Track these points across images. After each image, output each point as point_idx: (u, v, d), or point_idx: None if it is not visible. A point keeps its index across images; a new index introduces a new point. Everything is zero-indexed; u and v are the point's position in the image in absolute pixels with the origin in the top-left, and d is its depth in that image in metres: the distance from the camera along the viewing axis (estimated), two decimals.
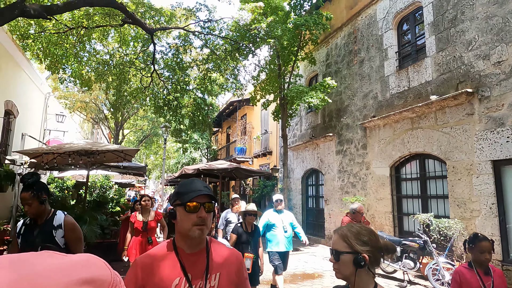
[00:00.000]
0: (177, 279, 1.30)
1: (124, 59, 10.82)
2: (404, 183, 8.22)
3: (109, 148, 7.37)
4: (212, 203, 1.37)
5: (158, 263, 1.33)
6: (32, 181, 2.45)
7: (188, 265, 1.33)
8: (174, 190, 1.45)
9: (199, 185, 1.38)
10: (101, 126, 25.48)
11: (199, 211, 1.32)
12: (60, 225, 2.45)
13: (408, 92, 7.96)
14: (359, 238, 1.37)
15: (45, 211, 2.49)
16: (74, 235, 2.48)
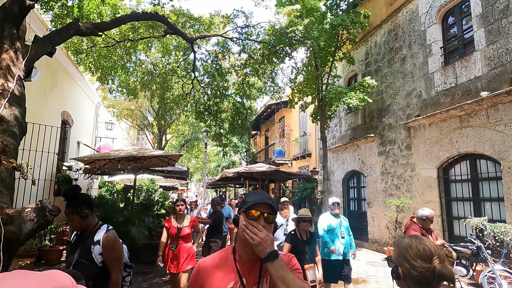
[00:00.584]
0: (232, 283, 1.38)
1: (166, 68, 11.33)
2: (453, 185, 7.78)
3: (154, 154, 7.75)
4: (273, 215, 1.41)
5: (217, 266, 1.44)
6: (71, 196, 2.36)
7: (244, 270, 1.41)
8: (243, 198, 1.54)
9: (264, 195, 1.45)
10: (145, 132, 26.77)
11: (258, 220, 1.37)
12: (98, 241, 2.28)
13: (456, 89, 7.54)
14: (405, 252, 1.39)
15: (90, 225, 2.38)
16: (112, 254, 2.27)
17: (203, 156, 19.49)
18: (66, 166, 9.89)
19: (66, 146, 11.01)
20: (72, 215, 2.29)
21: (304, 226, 4.05)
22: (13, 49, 3.59)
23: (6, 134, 2.90)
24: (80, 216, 2.29)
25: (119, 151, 7.71)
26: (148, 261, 7.61)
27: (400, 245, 1.44)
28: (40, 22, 7.93)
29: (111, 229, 2.37)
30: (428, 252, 1.37)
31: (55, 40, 4.36)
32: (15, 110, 3.15)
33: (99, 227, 2.36)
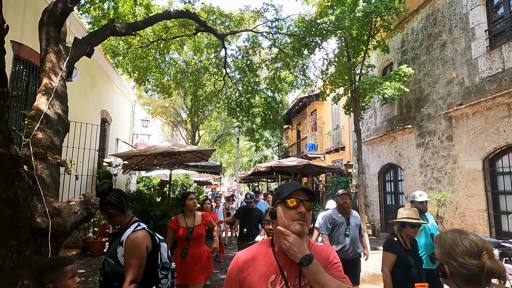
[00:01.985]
0: (273, 276, 1.35)
1: (198, 65, 11.51)
2: (500, 177, 7.27)
3: (188, 149, 7.92)
4: (311, 203, 1.41)
5: (257, 259, 1.41)
6: (100, 192, 2.24)
7: (284, 263, 1.38)
8: (275, 190, 1.53)
9: (297, 185, 1.44)
10: (179, 128, 27.49)
11: (298, 207, 1.36)
12: (123, 242, 2.10)
13: (503, 75, 7.01)
14: (451, 249, 1.32)
15: (122, 222, 2.25)
16: (128, 259, 2.04)
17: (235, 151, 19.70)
18: (106, 162, 10.38)
19: (105, 143, 11.55)
20: (103, 213, 2.24)
21: (411, 232, 3.15)
22: (55, 51, 3.79)
23: (51, 131, 3.06)
24: (109, 216, 2.21)
25: (155, 147, 7.95)
26: None
27: (444, 242, 1.36)
28: (79, 25, 8.33)
29: (139, 230, 2.13)
30: (476, 248, 1.28)
31: (93, 41, 4.54)
32: (58, 108, 3.32)
33: (130, 225, 2.20)
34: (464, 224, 7.91)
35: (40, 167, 2.74)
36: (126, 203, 2.29)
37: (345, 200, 4.47)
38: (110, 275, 2.08)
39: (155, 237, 2.29)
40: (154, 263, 2.22)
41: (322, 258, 1.44)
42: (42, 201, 2.48)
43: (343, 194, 4.47)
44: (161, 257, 2.30)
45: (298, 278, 1.36)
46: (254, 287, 1.35)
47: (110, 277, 2.08)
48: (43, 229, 2.35)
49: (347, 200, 4.50)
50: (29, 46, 6.33)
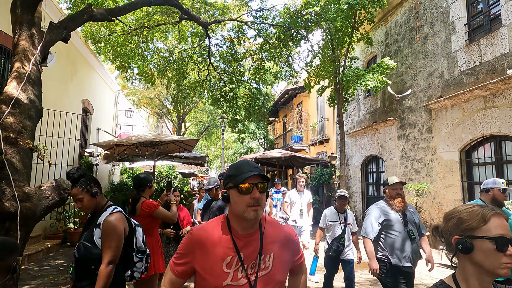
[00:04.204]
0: (228, 258, 1.31)
1: (182, 54, 11.37)
2: (476, 168, 7.51)
3: (170, 139, 7.86)
4: (264, 183, 1.33)
5: (212, 239, 1.34)
6: (77, 175, 2.23)
7: (242, 245, 1.33)
8: (226, 172, 1.44)
9: (250, 165, 1.36)
10: (165, 120, 27.20)
11: (252, 192, 1.29)
12: (100, 224, 2.11)
13: (480, 68, 7.19)
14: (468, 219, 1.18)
15: (99, 205, 2.25)
16: (106, 241, 2.05)
17: (221, 143, 19.65)
18: (88, 152, 10.21)
19: (87, 133, 11.35)
20: (82, 193, 2.18)
21: None
22: (28, 35, 3.68)
23: (22, 116, 2.99)
24: (91, 194, 2.19)
25: (137, 137, 7.86)
26: None
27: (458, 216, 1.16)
28: (56, 9, 8.08)
29: (117, 212, 2.17)
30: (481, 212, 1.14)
31: (69, 26, 4.43)
32: (30, 93, 3.24)
33: (106, 208, 2.21)
34: (441, 213, 8.14)
35: (10, 151, 2.68)
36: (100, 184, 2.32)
37: (399, 191, 3.32)
38: (86, 258, 2.07)
39: (130, 221, 2.32)
40: (130, 246, 2.24)
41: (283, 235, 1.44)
42: (11, 185, 2.44)
43: (397, 183, 3.34)
44: (136, 241, 2.32)
45: (257, 261, 1.32)
46: (208, 266, 1.31)
47: (86, 260, 2.07)
48: (11, 212, 2.31)
49: (402, 190, 3.36)
50: (4, 31, 6.13)
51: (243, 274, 1.29)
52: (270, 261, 1.35)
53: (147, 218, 3.34)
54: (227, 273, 1.28)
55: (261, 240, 1.36)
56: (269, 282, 1.32)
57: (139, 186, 3.42)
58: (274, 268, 1.34)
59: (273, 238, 1.39)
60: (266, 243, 1.36)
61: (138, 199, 3.35)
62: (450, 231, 1.18)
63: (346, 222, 4.28)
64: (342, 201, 4.30)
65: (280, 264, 1.37)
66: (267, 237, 1.38)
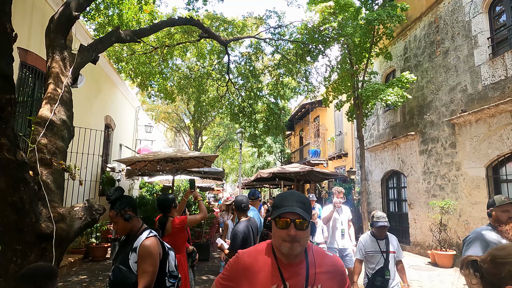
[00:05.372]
0: (274, 286, 1.30)
1: (201, 71, 11.59)
2: (504, 185, 7.23)
3: (191, 155, 7.95)
4: (304, 220, 1.30)
5: (258, 265, 1.35)
6: (114, 198, 2.23)
7: (287, 275, 1.32)
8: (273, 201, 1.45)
9: (293, 199, 1.34)
10: (182, 134, 27.57)
11: (289, 228, 1.28)
12: (136, 248, 2.10)
13: (506, 82, 7.01)
14: None
15: (134, 228, 2.24)
16: (142, 266, 2.05)
17: (238, 157, 19.71)
18: (110, 168, 10.42)
19: (109, 149, 11.61)
20: (116, 217, 2.20)
21: None
22: (61, 58, 3.84)
23: (55, 137, 3.10)
24: (124, 219, 2.19)
25: (158, 153, 7.98)
26: None
27: None
28: (85, 32, 8.44)
29: (152, 236, 2.17)
30: None
31: (98, 48, 4.60)
32: (63, 114, 3.36)
33: (142, 232, 2.20)
34: (467, 232, 7.83)
35: (45, 172, 2.76)
36: (137, 207, 2.34)
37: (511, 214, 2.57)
38: (121, 282, 2.07)
39: (164, 244, 2.32)
40: (163, 270, 2.23)
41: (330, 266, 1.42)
42: (46, 206, 2.51)
43: (509, 205, 2.60)
44: (168, 265, 2.31)
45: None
46: None
47: (121, 285, 2.07)
48: (48, 234, 2.37)
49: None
50: (35, 53, 6.41)
51: None
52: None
53: (179, 235, 3.43)
54: None
55: (307, 270, 1.35)
56: None
57: (165, 209, 3.47)
58: None
59: (320, 269, 1.38)
60: (312, 273, 1.35)
61: (166, 221, 3.39)
62: (505, 278, 1.06)
63: (388, 250, 3.50)
64: (381, 230, 3.51)
65: None
66: (313, 267, 1.36)
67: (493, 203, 2.69)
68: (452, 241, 8.35)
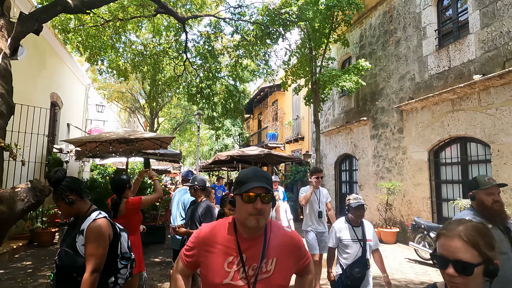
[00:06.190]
0: (231, 258, 1.37)
1: (157, 48, 11.09)
2: (443, 168, 7.90)
3: (146, 136, 7.67)
4: (269, 194, 1.36)
5: (217, 238, 1.42)
6: (54, 180, 2.10)
7: (245, 247, 1.38)
8: (235, 178, 1.48)
9: (258, 175, 1.39)
10: (137, 115, 26.48)
11: (255, 202, 1.33)
12: (83, 230, 2.01)
13: (449, 72, 7.55)
14: (489, 242, 1.13)
15: (80, 211, 2.13)
16: (89, 249, 1.97)
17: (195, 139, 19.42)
18: (57, 149, 9.77)
19: (56, 128, 10.84)
20: (59, 201, 2.09)
21: None
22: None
23: None
24: (66, 203, 2.07)
25: (110, 134, 7.60)
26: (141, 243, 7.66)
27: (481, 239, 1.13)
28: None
29: (101, 218, 2.07)
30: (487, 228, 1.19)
31: (41, 17, 4.21)
32: (1, 89, 3.06)
33: (89, 213, 2.10)
34: (410, 211, 8.52)
35: None
36: (83, 189, 2.20)
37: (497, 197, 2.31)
38: (68, 266, 1.99)
39: (115, 226, 2.25)
40: (114, 253, 2.17)
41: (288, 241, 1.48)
42: None
43: (494, 187, 2.32)
44: (121, 247, 2.26)
45: (259, 264, 1.35)
46: (210, 263, 1.38)
47: (68, 268, 1.99)
48: None
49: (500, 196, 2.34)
50: None
51: (243, 275, 1.34)
52: (272, 265, 1.39)
53: (132, 216, 3.34)
54: (228, 272, 1.34)
55: (265, 244, 1.40)
56: (269, 286, 1.36)
57: (119, 190, 3.34)
58: (275, 272, 1.38)
59: (277, 243, 1.44)
60: (269, 247, 1.41)
61: (120, 201, 3.27)
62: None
63: (365, 238, 3.18)
64: (359, 212, 3.17)
65: (282, 269, 1.40)
66: (271, 241, 1.42)
67: (477, 184, 2.38)
68: (396, 220, 9.02)
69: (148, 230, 8.04)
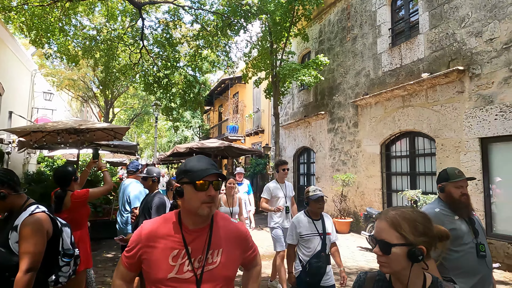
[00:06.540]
0: (175, 251, 1.33)
1: (112, 34, 10.51)
2: (393, 160, 8.34)
3: (98, 126, 7.25)
4: (219, 181, 1.38)
5: (161, 232, 1.36)
6: None
7: (190, 239, 1.36)
8: (180, 167, 1.43)
9: (207, 162, 1.39)
10: (90, 104, 25.07)
11: (208, 190, 1.33)
12: (17, 226, 1.87)
13: (400, 70, 7.94)
14: (415, 227, 1.17)
15: (15, 205, 1.97)
16: (23, 246, 1.82)
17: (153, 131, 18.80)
18: None
19: None
20: None
21: None
22: None
23: None
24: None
25: (58, 123, 7.10)
26: (93, 238, 7.30)
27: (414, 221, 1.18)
28: None
29: (39, 212, 1.93)
30: (424, 216, 1.23)
31: None
32: None
33: (25, 208, 1.95)
34: (363, 202, 8.92)
35: None
36: (18, 181, 2.02)
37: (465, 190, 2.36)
38: (1, 265, 1.81)
39: (56, 221, 2.09)
40: (54, 249, 2.02)
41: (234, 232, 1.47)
42: None
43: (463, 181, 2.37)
44: (63, 243, 2.11)
45: (205, 255, 1.34)
46: (154, 258, 1.33)
47: (1, 268, 1.82)
48: None
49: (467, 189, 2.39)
50: None
51: (189, 267, 1.32)
52: (219, 256, 1.37)
53: (78, 210, 3.13)
54: (173, 266, 1.31)
55: (210, 235, 1.38)
56: (216, 277, 1.35)
57: (64, 182, 3.11)
58: (221, 263, 1.37)
59: (223, 234, 1.42)
60: (215, 238, 1.39)
61: (65, 195, 3.05)
62: None
63: (325, 232, 3.08)
64: (319, 204, 3.05)
65: (228, 260, 1.39)
66: (217, 232, 1.41)
67: (447, 177, 2.40)
68: (350, 210, 9.40)
69: (101, 225, 7.73)
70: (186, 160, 1.43)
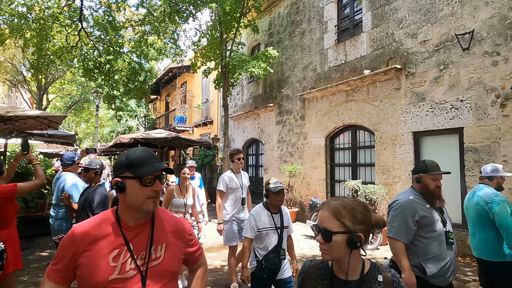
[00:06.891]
0: (116, 251, 1.24)
1: (45, 12, 9.54)
2: (337, 152, 8.76)
3: (29, 114, 6.60)
4: (164, 175, 1.34)
5: (97, 234, 1.26)
6: None
7: (131, 236, 1.29)
8: (120, 160, 1.31)
9: (152, 156, 1.33)
10: (20, 89, 22.73)
11: (154, 185, 1.28)
12: None
13: (345, 66, 8.31)
14: (354, 216, 1.24)
15: None
16: None
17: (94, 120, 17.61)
18: None
19: None
20: None
21: None
22: None
23: None
24: None
25: None
26: (25, 236, 6.71)
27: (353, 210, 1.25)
28: None
29: None
30: (363, 206, 1.29)
31: None
32: None
33: None
34: (308, 192, 9.27)
35: None
36: None
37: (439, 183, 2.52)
38: None
39: None
40: None
41: (176, 225, 1.43)
42: None
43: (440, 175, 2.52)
44: None
45: (148, 251, 1.28)
46: (91, 263, 1.21)
47: None
48: None
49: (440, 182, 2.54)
50: None
51: (132, 266, 1.25)
52: (162, 251, 1.33)
53: (4, 207, 2.85)
54: (114, 267, 1.22)
55: (152, 229, 1.33)
56: (160, 272, 1.31)
57: None
58: (165, 258, 1.33)
59: (165, 228, 1.38)
60: (157, 233, 1.34)
61: None
62: None
63: (283, 225, 2.98)
64: (280, 197, 2.94)
65: (172, 254, 1.36)
66: (159, 227, 1.36)
67: (425, 168, 2.52)
68: (296, 200, 9.73)
69: (34, 221, 7.11)
70: (127, 152, 1.33)
